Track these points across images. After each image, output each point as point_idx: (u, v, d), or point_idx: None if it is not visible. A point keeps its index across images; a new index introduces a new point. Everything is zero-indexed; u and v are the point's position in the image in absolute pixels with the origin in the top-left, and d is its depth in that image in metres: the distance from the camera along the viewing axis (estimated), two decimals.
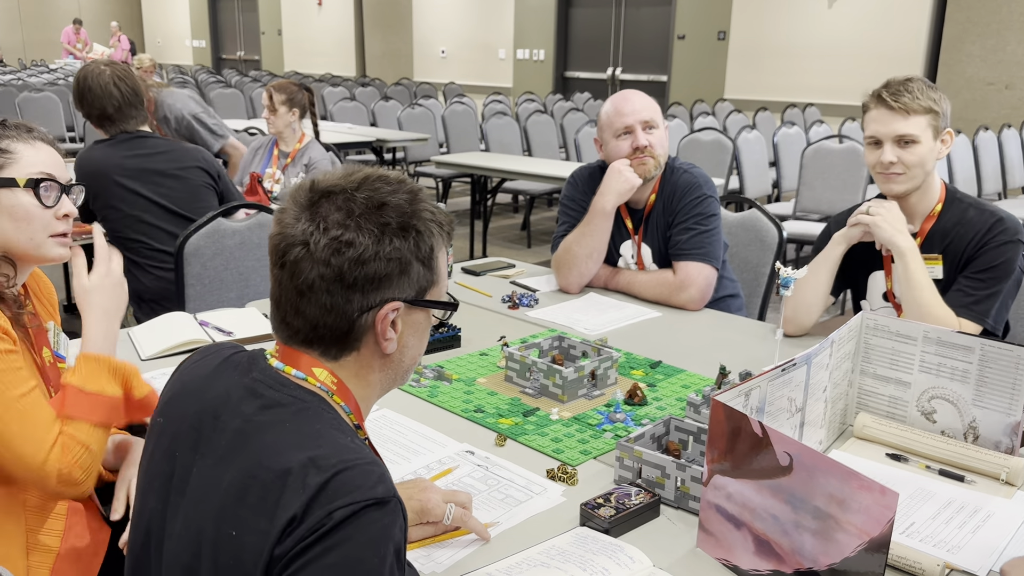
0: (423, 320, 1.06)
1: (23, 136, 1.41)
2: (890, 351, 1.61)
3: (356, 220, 0.96)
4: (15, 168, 1.38)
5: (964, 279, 1.94)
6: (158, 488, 1.00)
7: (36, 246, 1.41)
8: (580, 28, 12.77)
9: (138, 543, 1.03)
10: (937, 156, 1.95)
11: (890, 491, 0.99)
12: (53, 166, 1.43)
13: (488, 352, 2.00)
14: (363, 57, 15.88)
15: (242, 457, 0.92)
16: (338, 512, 0.84)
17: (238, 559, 0.87)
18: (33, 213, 1.39)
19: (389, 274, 0.97)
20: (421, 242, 0.99)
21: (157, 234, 2.81)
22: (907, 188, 1.96)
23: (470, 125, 7.81)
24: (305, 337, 1.00)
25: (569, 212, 2.55)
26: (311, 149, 3.94)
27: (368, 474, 0.88)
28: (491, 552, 1.22)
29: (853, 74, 9.59)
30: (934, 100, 1.92)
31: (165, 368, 1.85)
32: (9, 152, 1.38)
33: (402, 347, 1.04)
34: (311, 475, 0.87)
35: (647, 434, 1.43)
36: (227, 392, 0.99)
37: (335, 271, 0.95)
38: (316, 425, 0.94)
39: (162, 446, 1.02)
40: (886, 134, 1.93)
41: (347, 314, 0.97)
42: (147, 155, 2.80)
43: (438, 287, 1.05)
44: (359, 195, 0.97)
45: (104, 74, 2.73)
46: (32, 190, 1.39)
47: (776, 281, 1.83)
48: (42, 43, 18.53)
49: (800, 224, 5.24)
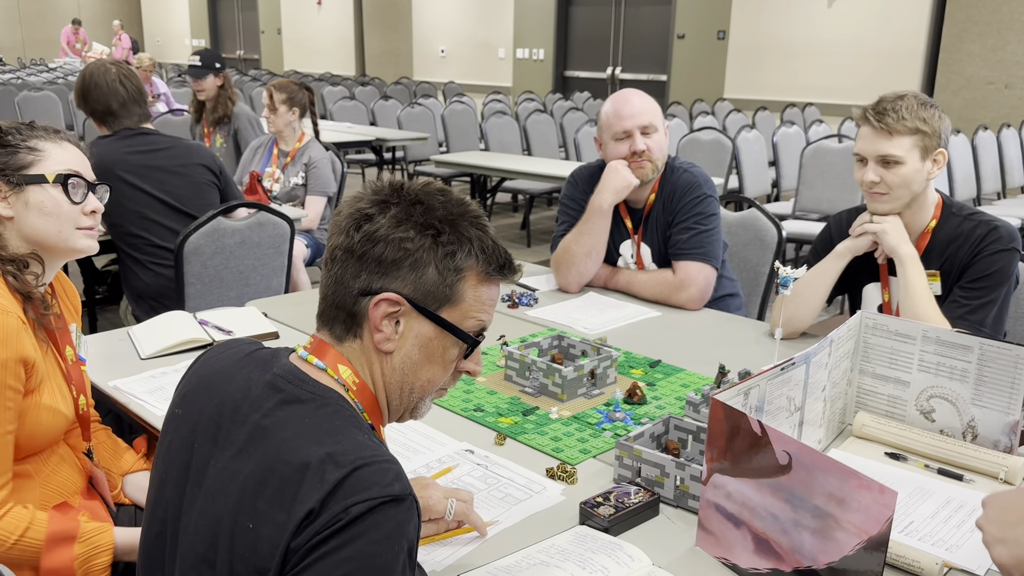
0: (435, 338, 1.03)
1: (51, 136, 1.46)
2: (889, 350, 1.61)
3: (395, 207, 1.00)
4: (44, 165, 1.43)
5: (959, 289, 1.93)
6: (175, 479, 1.01)
7: (64, 238, 1.45)
8: (580, 27, 12.78)
9: (153, 532, 1.04)
10: (928, 176, 1.91)
11: (889, 490, 0.99)
12: (80, 165, 1.48)
13: (487, 351, 2.00)
14: (363, 56, 15.88)
15: (261, 451, 0.94)
16: (355, 507, 0.86)
17: (255, 550, 0.89)
18: (62, 208, 1.43)
19: (396, 261, 0.98)
20: (442, 247, 1.00)
21: (159, 230, 2.81)
22: (891, 208, 1.95)
23: (470, 124, 7.81)
24: (321, 313, 1.04)
25: (569, 211, 2.55)
26: (311, 148, 3.95)
27: (385, 472, 0.90)
28: (491, 550, 1.22)
29: (853, 74, 9.60)
30: (923, 120, 1.87)
31: (164, 367, 1.85)
32: (38, 150, 1.43)
33: (404, 356, 1.03)
34: (329, 470, 0.88)
35: (646, 433, 1.44)
36: (247, 386, 1.01)
37: (350, 240, 0.99)
38: (335, 421, 0.95)
39: (180, 437, 1.03)
40: (869, 152, 1.91)
41: (349, 290, 1.00)
42: (150, 151, 2.81)
43: (458, 309, 1.03)
44: (419, 195, 1.02)
45: (110, 72, 2.78)
46: (61, 186, 1.43)
47: (775, 280, 1.83)
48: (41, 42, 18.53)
49: (799, 223, 5.25)
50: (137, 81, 2.83)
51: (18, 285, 1.36)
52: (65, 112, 8.01)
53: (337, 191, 4.09)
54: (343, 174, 4.28)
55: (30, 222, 1.41)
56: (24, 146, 1.42)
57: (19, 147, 1.42)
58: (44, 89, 8.36)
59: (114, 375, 1.80)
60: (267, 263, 2.84)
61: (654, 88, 11.41)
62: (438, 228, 1.00)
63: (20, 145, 1.42)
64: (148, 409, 1.66)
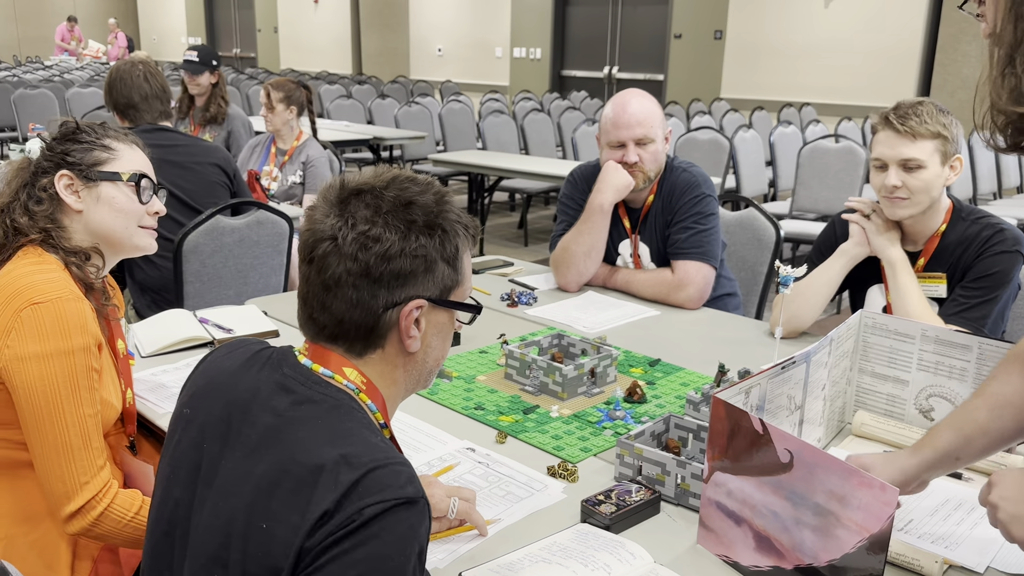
0: (447, 321, 1.07)
1: (121, 138, 1.51)
2: (888, 349, 1.62)
3: (384, 217, 0.98)
4: (118, 164, 1.48)
5: (960, 288, 1.94)
6: (184, 478, 1.02)
7: (130, 235, 1.50)
8: (577, 27, 12.78)
9: (160, 531, 1.04)
10: (945, 182, 1.92)
11: (890, 488, 1.00)
12: (147, 167, 1.53)
13: (488, 350, 2.00)
14: (359, 55, 15.86)
15: (274, 451, 0.94)
16: (369, 509, 0.87)
17: (267, 550, 0.89)
18: (131, 206, 1.48)
19: (414, 271, 0.99)
20: (447, 242, 1.02)
21: (167, 223, 2.82)
22: (911, 213, 1.94)
23: (467, 123, 7.81)
24: (331, 333, 1.01)
25: (568, 211, 2.55)
26: (308, 147, 3.94)
27: (398, 474, 0.90)
28: (492, 548, 1.23)
29: (849, 74, 9.62)
30: (944, 125, 1.88)
31: (165, 365, 1.85)
32: (113, 149, 1.48)
33: (426, 347, 1.06)
34: (343, 472, 0.89)
35: (647, 431, 1.44)
36: (257, 387, 1.01)
37: (362, 266, 0.97)
38: (348, 423, 0.96)
39: (188, 436, 1.04)
40: (892, 157, 1.90)
41: (372, 309, 0.99)
42: (166, 146, 2.88)
43: (462, 288, 1.07)
44: (388, 193, 1.00)
45: (136, 68, 2.94)
46: (134, 185, 1.48)
47: (775, 280, 1.83)
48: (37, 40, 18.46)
49: (796, 223, 5.26)
50: (161, 80, 2.96)
51: (80, 275, 1.39)
52: (61, 110, 7.97)
53: None
54: (341, 173, 4.28)
55: (99, 217, 1.45)
56: (99, 144, 1.47)
57: (94, 144, 1.46)
58: (40, 87, 8.32)
59: None
60: (266, 261, 2.84)
61: (651, 88, 11.36)
62: (437, 224, 1.01)
63: (95, 143, 1.47)
64: (149, 407, 1.66)
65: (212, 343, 1.97)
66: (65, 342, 1.29)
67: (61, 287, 1.32)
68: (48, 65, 13.59)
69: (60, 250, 1.40)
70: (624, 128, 2.35)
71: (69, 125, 1.49)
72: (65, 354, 1.29)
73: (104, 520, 1.30)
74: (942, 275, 1.97)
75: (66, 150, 1.45)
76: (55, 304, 1.29)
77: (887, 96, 8.69)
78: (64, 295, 1.31)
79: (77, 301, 1.32)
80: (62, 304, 1.30)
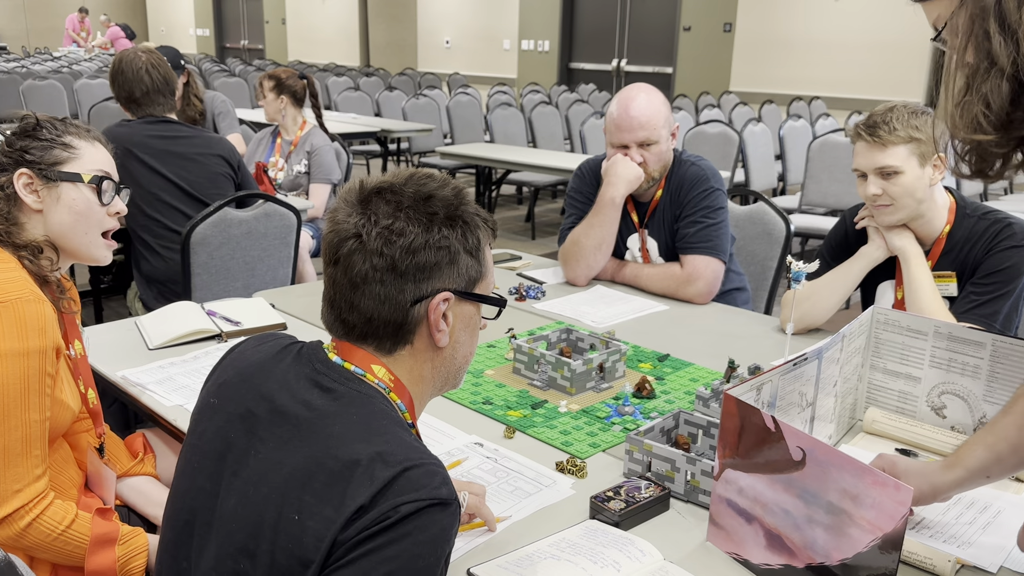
0: (473, 315, 1.08)
1: (83, 134, 1.46)
2: (900, 346, 1.61)
3: (405, 211, 0.99)
4: (79, 163, 1.43)
5: (970, 285, 1.93)
6: (209, 468, 1.02)
7: (87, 244, 1.46)
8: (585, 19, 12.73)
9: (180, 520, 1.04)
10: (930, 182, 1.91)
11: (904, 487, 0.99)
12: (109, 165, 1.49)
13: (496, 344, 2.00)
14: (367, 47, 15.84)
15: (308, 444, 0.94)
16: (404, 507, 0.87)
17: (299, 542, 0.90)
18: (92, 208, 1.44)
19: (439, 263, 1.00)
20: (468, 233, 1.03)
21: (172, 213, 2.86)
22: (899, 218, 1.94)
23: (474, 116, 7.79)
24: (361, 332, 1.02)
25: (576, 204, 2.54)
26: (313, 136, 3.95)
27: (434, 475, 0.91)
28: (501, 544, 1.22)
29: (859, 67, 9.56)
30: (916, 127, 1.88)
31: (172, 357, 1.85)
32: (74, 147, 1.43)
33: (454, 342, 1.06)
34: (379, 469, 0.89)
35: (656, 427, 1.43)
36: (287, 380, 1.02)
37: (388, 260, 0.98)
38: (382, 420, 0.97)
39: (215, 427, 1.04)
40: (867, 167, 1.92)
41: (401, 304, 1.00)
42: (171, 138, 2.89)
43: (486, 280, 1.07)
44: (407, 189, 1.01)
45: (139, 59, 2.88)
46: (95, 187, 1.44)
47: (786, 275, 1.82)
48: (45, 31, 18.49)
49: (806, 217, 5.23)
50: (165, 71, 2.90)
51: (34, 268, 1.36)
52: (70, 101, 7.99)
53: (344, 180, 4.09)
54: (349, 165, 4.27)
55: (59, 219, 1.41)
56: (59, 142, 1.42)
57: (55, 142, 1.42)
58: (49, 78, 8.33)
59: (122, 365, 1.80)
60: (273, 254, 2.84)
61: (660, 81, 11.37)
62: (457, 216, 1.02)
63: (56, 140, 1.42)
64: (157, 399, 1.65)
65: (220, 336, 1.97)
66: (21, 343, 1.25)
67: (22, 287, 1.28)
68: (56, 56, 13.60)
69: (11, 245, 1.35)
70: (626, 131, 2.34)
71: (29, 121, 1.44)
72: (20, 355, 1.24)
73: (31, 531, 1.26)
74: (952, 274, 1.96)
75: (25, 147, 1.40)
76: (15, 305, 1.25)
77: (897, 90, 8.64)
78: (25, 295, 1.27)
79: (38, 303, 1.28)
80: (22, 305, 1.26)
